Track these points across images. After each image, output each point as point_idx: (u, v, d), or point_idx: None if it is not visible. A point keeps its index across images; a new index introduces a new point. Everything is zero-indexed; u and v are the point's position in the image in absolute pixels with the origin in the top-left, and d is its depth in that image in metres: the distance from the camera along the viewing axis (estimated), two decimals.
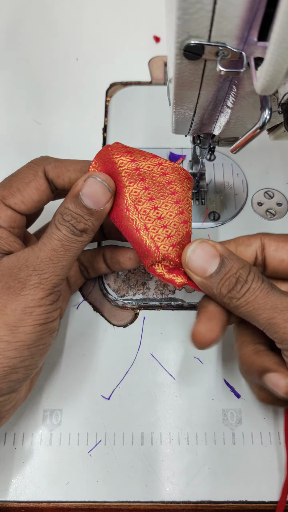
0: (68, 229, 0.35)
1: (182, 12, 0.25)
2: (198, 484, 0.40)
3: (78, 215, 0.35)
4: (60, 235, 0.35)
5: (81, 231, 0.35)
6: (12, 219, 0.37)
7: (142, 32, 0.65)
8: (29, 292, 0.34)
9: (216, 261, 0.34)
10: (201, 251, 0.34)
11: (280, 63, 0.24)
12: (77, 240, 0.35)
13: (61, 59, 0.63)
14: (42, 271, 0.34)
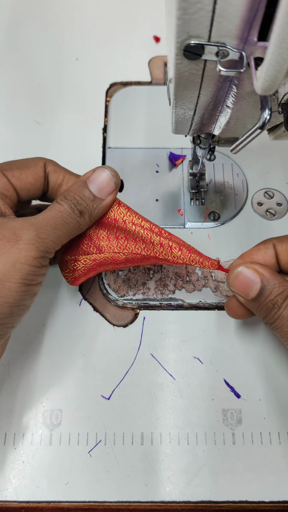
0: (69, 205, 0.37)
1: (182, 12, 0.25)
2: (198, 484, 0.40)
3: (80, 197, 0.37)
4: (60, 208, 0.36)
5: (80, 211, 0.37)
6: (6, 188, 0.38)
7: (142, 32, 0.65)
8: (23, 247, 0.33)
9: (256, 287, 0.36)
10: (244, 276, 0.37)
11: (280, 63, 0.24)
12: (75, 218, 0.37)
13: (61, 59, 0.62)
14: (40, 229, 0.34)
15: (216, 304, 0.46)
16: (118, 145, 0.56)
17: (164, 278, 0.47)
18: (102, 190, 0.38)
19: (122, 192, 0.53)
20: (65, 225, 0.36)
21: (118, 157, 0.55)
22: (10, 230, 0.34)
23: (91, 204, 0.38)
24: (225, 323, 0.46)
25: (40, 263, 0.34)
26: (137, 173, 0.54)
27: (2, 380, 0.43)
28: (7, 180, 0.39)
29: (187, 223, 0.51)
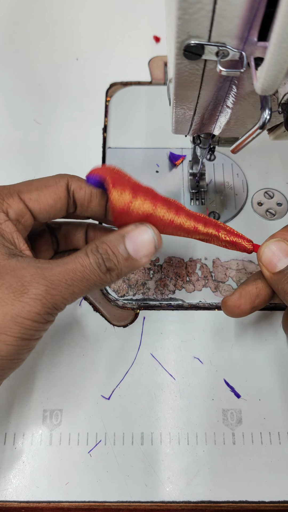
0: (97, 260, 0.33)
1: (182, 12, 0.25)
2: (198, 484, 0.40)
3: (113, 252, 0.33)
4: (85, 261, 0.33)
5: (107, 268, 0.33)
6: (21, 214, 0.36)
7: (142, 32, 0.65)
8: (28, 301, 0.31)
9: (286, 260, 0.36)
10: (275, 248, 0.37)
11: (280, 63, 0.24)
12: (99, 275, 0.33)
13: (61, 59, 0.62)
14: (51, 285, 0.32)
15: (216, 304, 0.46)
16: (118, 145, 0.56)
17: (164, 278, 0.47)
18: (139, 251, 0.34)
19: None
20: (84, 282, 0.33)
21: (118, 157, 0.55)
22: (19, 280, 0.31)
23: (123, 263, 0.34)
24: (225, 323, 0.46)
25: (44, 319, 0.32)
26: (137, 173, 0.54)
27: None
28: (24, 205, 0.36)
29: None
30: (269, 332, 0.45)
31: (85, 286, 0.33)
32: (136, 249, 0.34)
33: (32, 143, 0.56)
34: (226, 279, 0.48)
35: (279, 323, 0.46)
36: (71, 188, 0.37)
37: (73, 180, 0.37)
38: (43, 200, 0.36)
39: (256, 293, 0.39)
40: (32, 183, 0.37)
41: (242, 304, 0.38)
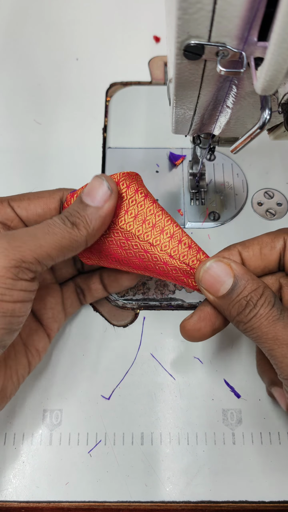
0: (61, 219, 0.34)
1: (182, 12, 0.25)
2: (198, 484, 0.40)
3: (73, 209, 0.35)
4: (50, 220, 0.34)
5: (72, 223, 0.34)
6: (9, 218, 0.37)
7: (142, 32, 0.65)
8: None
9: (229, 282, 0.33)
10: (215, 270, 0.34)
11: (280, 63, 0.24)
12: (65, 229, 0.34)
13: (61, 59, 0.62)
14: (14, 238, 0.31)
15: None
16: (118, 145, 0.56)
17: None
18: (94, 197, 0.35)
19: None
20: (51, 236, 0.33)
21: (118, 157, 0.55)
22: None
23: (86, 214, 0.34)
24: None
25: (12, 273, 0.31)
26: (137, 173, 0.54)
27: None
28: (11, 210, 0.37)
29: (187, 223, 0.51)
30: None
31: (53, 240, 0.33)
32: (92, 196, 0.35)
33: (32, 143, 0.56)
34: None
35: None
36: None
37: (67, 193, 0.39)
38: (32, 209, 0.38)
39: (215, 314, 0.35)
40: (26, 194, 0.39)
41: (202, 327, 0.35)
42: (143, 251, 0.36)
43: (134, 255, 0.37)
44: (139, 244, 0.36)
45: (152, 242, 0.36)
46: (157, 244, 0.36)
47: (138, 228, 0.36)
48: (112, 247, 0.37)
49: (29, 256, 0.31)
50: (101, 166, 0.55)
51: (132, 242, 0.36)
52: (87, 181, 0.54)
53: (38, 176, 0.54)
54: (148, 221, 0.37)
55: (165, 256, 0.36)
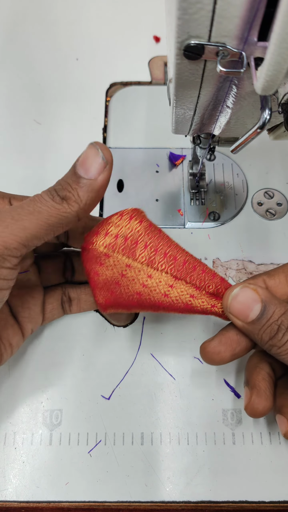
0: (49, 193, 0.31)
1: (182, 12, 0.25)
2: (198, 484, 0.40)
3: (65, 182, 0.32)
4: (36, 196, 0.31)
5: (62, 197, 0.31)
6: None
7: (142, 32, 0.65)
8: None
9: (257, 307, 0.33)
10: (243, 297, 0.33)
11: (280, 63, 0.24)
12: (53, 205, 0.31)
13: (61, 59, 0.63)
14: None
15: None
16: (118, 145, 0.56)
17: None
18: (88, 168, 0.32)
19: (122, 192, 0.53)
20: (36, 215, 0.30)
21: (118, 157, 0.55)
22: None
23: (78, 187, 0.32)
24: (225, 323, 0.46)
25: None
26: (137, 173, 0.54)
27: (2, 380, 0.43)
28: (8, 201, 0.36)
29: (187, 223, 0.51)
30: None
31: (38, 219, 0.30)
32: (86, 168, 0.32)
33: (32, 143, 0.56)
34: (226, 279, 0.47)
35: None
36: None
37: None
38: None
39: (237, 340, 0.35)
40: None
41: (222, 351, 0.35)
42: (169, 287, 0.35)
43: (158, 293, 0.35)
44: (163, 280, 0.35)
45: (176, 275, 0.35)
46: (182, 278, 0.35)
47: (161, 263, 0.35)
48: (134, 288, 0.35)
49: (12, 242, 0.29)
50: None
51: (155, 280, 0.35)
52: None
53: (38, 176, 0.54)
54: (169, 254, 0.35)
55: (191, 289, 0.35)
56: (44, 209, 0.31)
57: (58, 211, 0.31)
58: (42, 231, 0.30)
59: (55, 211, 0.31)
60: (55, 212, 0.31)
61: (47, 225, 0.31)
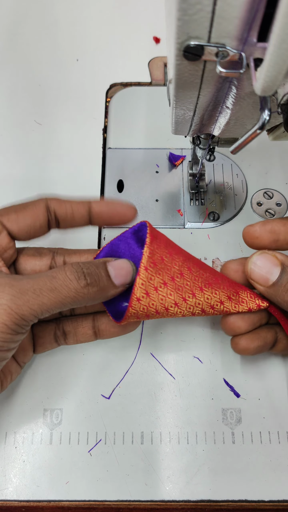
0: (76, 273, 0.33)
1: (182, 13, 0.25)
2: (198, 483, 0.40)
3: (96, 270, 0.34)
4: (58, 274, 0.33)
5: (88, 283, 0.33)
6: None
7: (142, 32, 0.65)
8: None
9: (277, 270, 0.35)
10: (262, 261, 0.36)
11: (279, 64, 0.24)
12: (75, 288, 0.32)
13: (61, 59, 0.63)
14: (18, 294, 0.31)
15: None
16: (118, 145, 0.56)
17: None
18: (118, 277, 0.35)
19: (122, 192, 0.53)
20: (55, 293, 0.32)
21: (118, 157, 0.55)
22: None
23: (105, 281, 0.34)
24: None
25: (11, 329, 0.31)
26: (137, 173, 0.54)
27: None
28: (0, 225, 0.37)
29: (187, 223, 0.51)
30: None
31: (56, 297, 0.32)
32: (118, 274, 0.35)
33: (32, 143, 0.56)
34: None
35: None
36: (51, 207, 0.38)
37: (52, 201, 0.39)
38: (21, 221, 0.37)
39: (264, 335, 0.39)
40: (11, 207, 0.38)
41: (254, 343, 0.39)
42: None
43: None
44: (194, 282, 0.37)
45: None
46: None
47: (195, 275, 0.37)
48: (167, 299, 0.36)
49: (29, 315, 0.31)
50: (101, 167, 0.55)
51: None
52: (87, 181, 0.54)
53: (38, 176, 0.54)
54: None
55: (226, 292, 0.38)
56: (65, 291, 0.32)
57: (77, 293, 0.33)
58: (55, 307, 0.32)
59: (75, 294, 0.32)
60: (75, 294, 0.32)
61: (62, 304, 0.32)
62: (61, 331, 0.41)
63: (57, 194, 0.40)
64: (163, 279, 0.35)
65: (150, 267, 0.35)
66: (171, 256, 0.37)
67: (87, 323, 0.41)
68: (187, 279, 0.37)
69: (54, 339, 0.41)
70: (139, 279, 0.35)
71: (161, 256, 0.36)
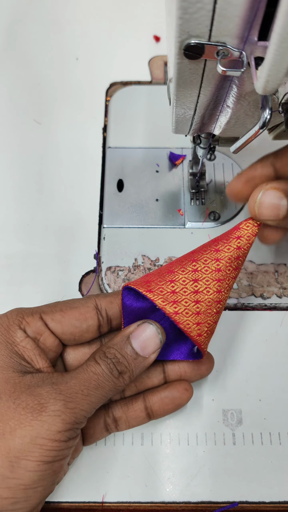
0: (108, 366, 0.33)
1: (183, 11, 0.25)
2: (198, 484, 0.39)
3: (122, 355, 0.33)
4: (97, 369, 0.32)
5: (119, 372, 0.33)
6: (39, 332, 0.35)
7: (142, 31, 0.65)
8: (47, 419, 0.29)
9: (284, 203, 0.35)
10: (267, 199, 0.35)
11: (280, 62, 0.24)
12: (112, 380, 0.33)
13: (61, 59, 0.62)
14: (69, 398, 0.30)
15: None
16: (118, 145, 0.56)
17: None
18: (146, 348, 0.34)
19: (122, 192, 0.53)
20: (100, 390, 0.32)
21: (118, 157, 0.55)
22: (35, 399, 0.30)
23: (133, 363, 0.33)
24: (224, 323, 0.46)
25: (66, 436, 0.30)
26: (137, 173, 0.54)
27: None
28: (43, 323, 0.35)
29: (187, 223, 0.51)
30: (269, 332, 0.45)
31: (101, 394, 0.32)
32: (143, 346, 0.34)
33: (32, 142, 0.56)
34: None
35: (278, 323, 0.46)
36: (101, 307, 0.37)
37: (100, 299, 0.37)
38: (67, 322, 0.36)
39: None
40: (57, 304, 0.37)
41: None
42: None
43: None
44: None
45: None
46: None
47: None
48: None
49: (81, 417, 0.31)
50: (101, 166, 0.55)
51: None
52: (87, 180, 0.54)
53: (38, 175, 0.54)
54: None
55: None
56: (107, 385, 0.32)
57: (116, 385, 0.33)
58: (100, 403, 0.32)
59: (113, 386, 0.33)
60: (114, 386, 0.33)
61: (104, 398, 0.33)
62: (111, 418, 0.38)
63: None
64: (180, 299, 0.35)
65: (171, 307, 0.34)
66: (164, 277, 0.36)
67: (138, 405, 0.39)
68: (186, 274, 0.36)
69: (105, 427, 0.38)
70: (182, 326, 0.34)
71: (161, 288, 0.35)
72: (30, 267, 0.49)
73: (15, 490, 0.28)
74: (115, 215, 0.51)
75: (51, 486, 0.31)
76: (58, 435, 0.29)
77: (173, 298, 0.35)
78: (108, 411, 0.39)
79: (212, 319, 0.36)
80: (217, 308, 0.36)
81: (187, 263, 0.37)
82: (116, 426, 0.39)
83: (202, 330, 0.35)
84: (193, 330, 0.35)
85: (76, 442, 0.33)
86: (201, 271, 0.36)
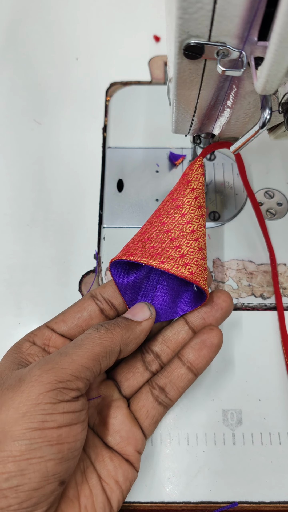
0: (94, 327, 0.34)
1: (182, 11, 0.25)
2: (198, 484, 0.39)
3: (114, 320, 0.35)
4: (89, 331, 0.33)
5: (107, 328, 0.33)
6: (46, 338, 0.36)
7: (142, 31, 0.65)
8: (26, 387, 0.28)
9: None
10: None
11: (280, 62, 0.24)
12: (97, 336, 0.33)
13: (61, 59, 0.62)
14: (45, 362, 0.30)
15: None
16: (118, 145, 0.56)
17: None
18: (135, 314, 0.36)
19: (122, 192, 0.53)
20: (81, 347, 0.31)
21: (118, 157, 0.55)
22: (17, 377, 0.30)
23: (124, 323, 0.35)
24: (225, 323, 0.46)
25: (50, 397, 0.28)
26: (137, 173, 0.54)
27: None
28: (49, 329, 0.37)
29: None
30: (269, 332, 0.45)
31: (83, 351, 0.31)
32: (133, 313, 0.36)
33: (32, 142, 0.56)
34: (226, 279, 0.47)
35: (278, 323, 0.46)
36: (96, 293, 0.39)
37: (95, 289, 0.39)
38: (68, 318, 0.38)
39: None
40: (60, 313, 0.38)
41: None
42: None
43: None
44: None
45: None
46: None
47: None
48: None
49: (64, 375, 0.29)
50: (101, 166, 0.55)
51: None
52: (87, 180, 0.54)
53: (38, 175, 0.54)
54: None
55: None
56: (89, 342, 0.32)
57: (101, 339, 0.32)
58: (89, 361, 0.31)
59: (98, 340, 0.32)
60: (98, 341, 0.32)
61: (93, 355, 0.31)
62: (157, 389, 0.38)
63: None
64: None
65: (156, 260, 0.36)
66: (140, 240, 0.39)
67: (176, 363, 0.38)
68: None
69: (156, 401, 0.37)
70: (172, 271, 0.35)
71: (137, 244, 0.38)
72: (30, 267, 0.49)
73: (4, 463, 0.26)
74: (115, 215, 0.51)
75: (53, 459, 0.28)
76: (40, 397, 0.28)
77: (154, 251, 0.36)
78: (152, 383, 0.38)
79: (197, 256, 0.37)
80: (198, 246, 0.37)
81: (154, 220, 0.39)
82: (166, 395, 0.37)
83: (192, 268, 0.36)
84: (184, 271, 0.35)
85: (78, 408, 0.30)
86: (169, 222, 0.38)
